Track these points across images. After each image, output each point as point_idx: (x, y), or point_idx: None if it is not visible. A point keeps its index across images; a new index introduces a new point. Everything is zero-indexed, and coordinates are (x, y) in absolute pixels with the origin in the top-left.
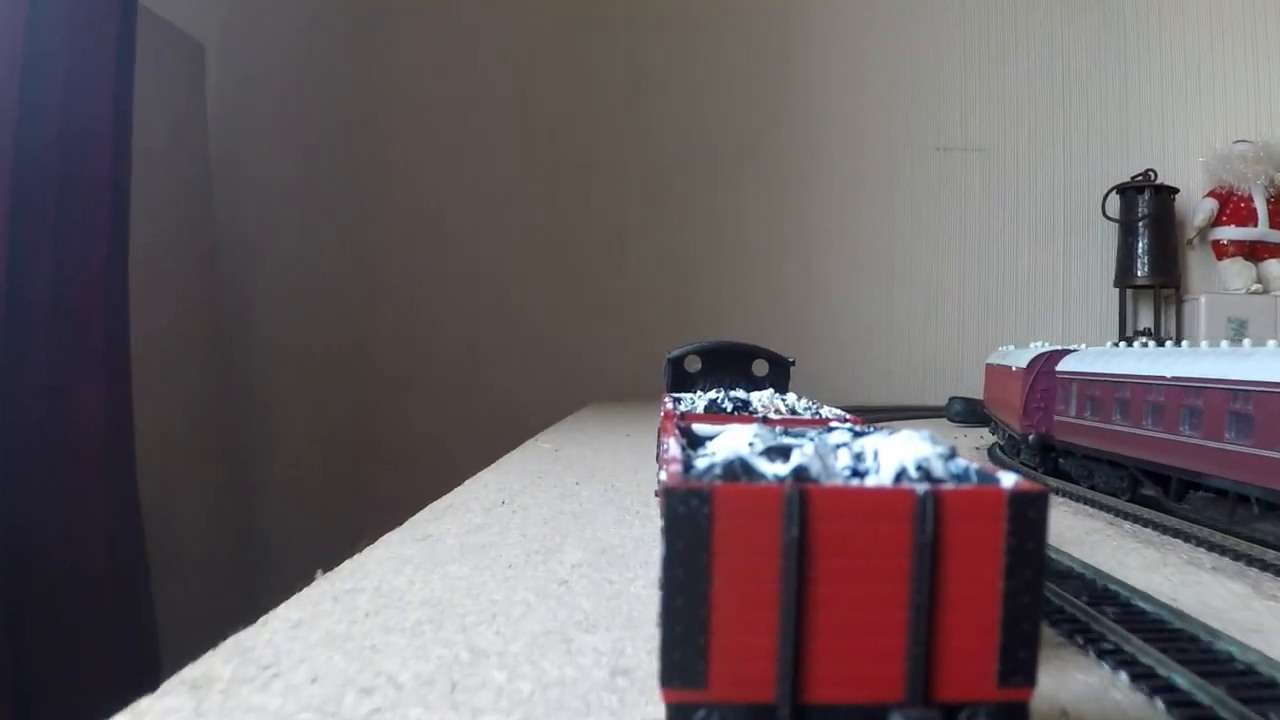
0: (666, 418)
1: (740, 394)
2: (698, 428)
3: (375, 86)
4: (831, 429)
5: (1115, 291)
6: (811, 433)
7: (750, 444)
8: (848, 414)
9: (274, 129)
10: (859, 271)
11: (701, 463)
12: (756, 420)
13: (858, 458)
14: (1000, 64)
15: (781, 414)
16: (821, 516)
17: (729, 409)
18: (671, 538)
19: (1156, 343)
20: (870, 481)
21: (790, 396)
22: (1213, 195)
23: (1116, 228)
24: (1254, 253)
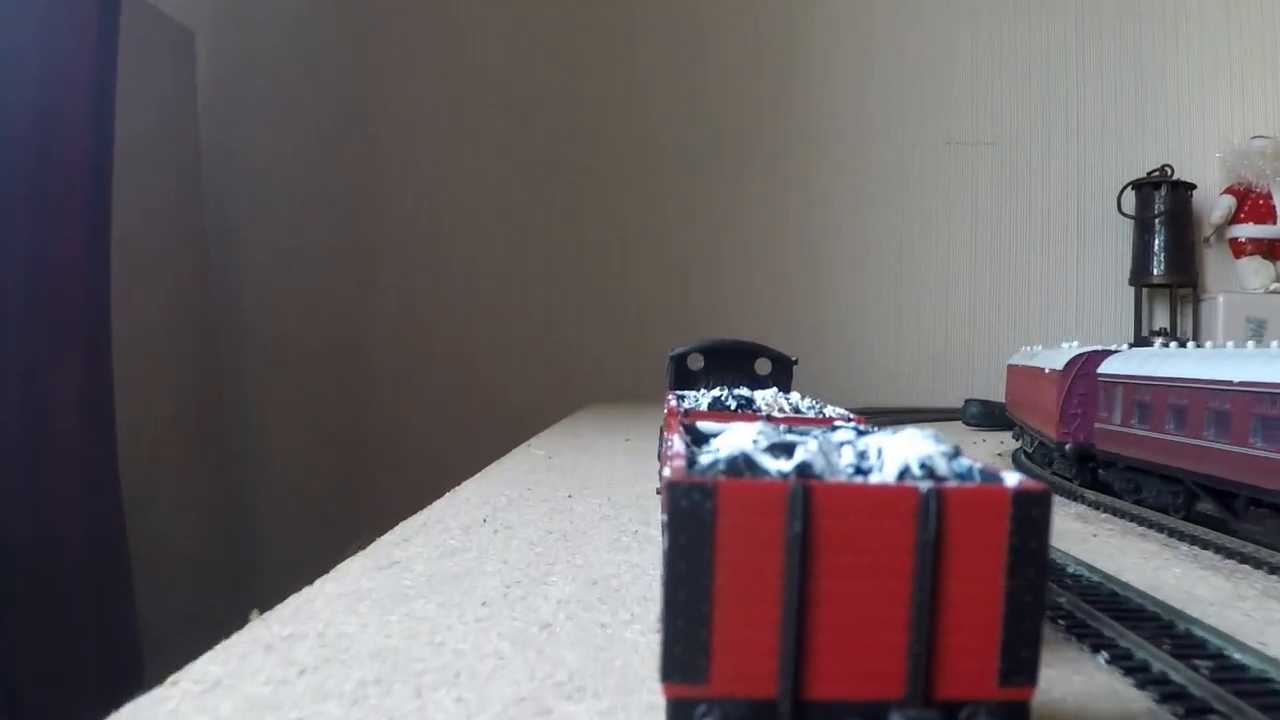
0: (670, 415)
1: (744, 392)
2: (702, 425)
3: (371, 78)
4: (835, 427)
5: (1130, 290)
6: (816, 431)
7: (754, 441)
8: (851, 414)
9: (267, 119)
10: (867, 269)
11: (705, 458)
12: (760, 418)
13: (861, 455)
14: (1013, 56)
15: (785, 412)
16: (825, 513)
17: (733, 407)
18: (675, 531)
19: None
20: (874, 479)
21: (794, 395)
22: (1230, 192)
23: (1131, 225)
24: (1272, 251)
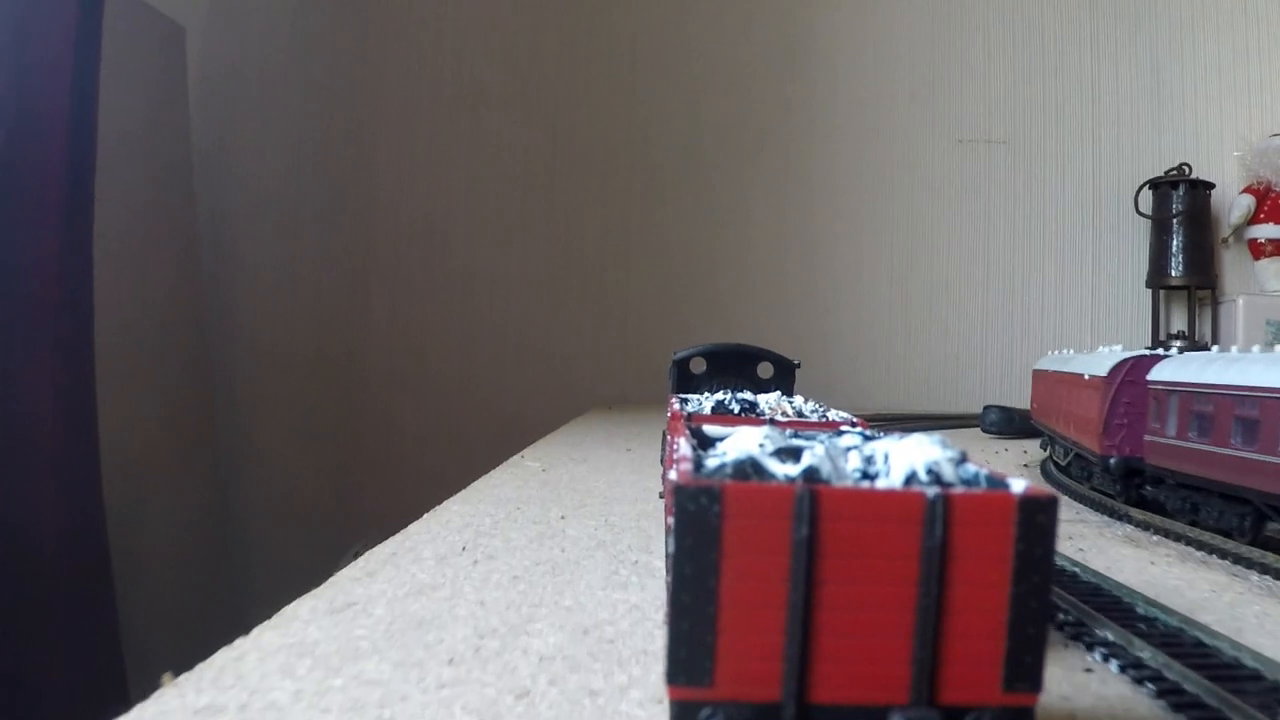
0: (674, 418)
1: (747, 396)
2: (708, 429)
3: (367, 77)
4: (841, 432)
5: (1148, 292)
6: (822, 435)
7: (761, 445)
8: (855, 418)
9: (260, 118)
10: (875, 271)
11: (712, 462)
12: (764, 422)
13: (868, 460)
14: (1025, 51)
15: (788, 416)
16: (831, 517)
17: (736, 410)
18: (681, 534)
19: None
20: (880, 484)
21: (797, 399)
22: (1249, 191)
23: (1148, 226)
24: None
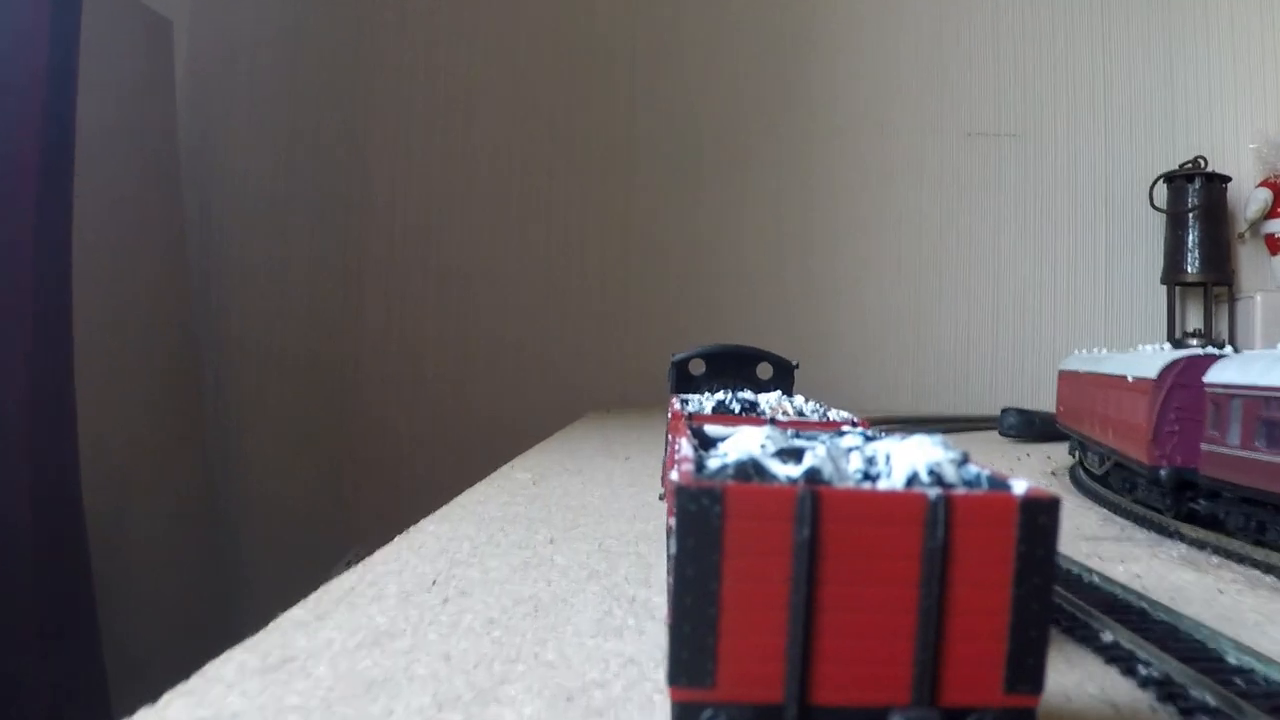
0: (675, 418)
1: (748, 395)
2: (709, 429)
3: (361, 74)
4: (841, 432)
5: (1163, 289)
6: (823, 436)
7: (762, 445)
8: (857, 418)
9: (250, 114)
10: (881, 270)
11: (714, 463)
12: (765, 422)
13: (869, 461)
14: (1036, 42)
15: (789, 416)
16: (833, 519)
17: (737, 410)
18: (683, 536)
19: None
20: (882, 485)
21: (797, 399)
22: (1266, 185)
23: (1162, 221)
24: None
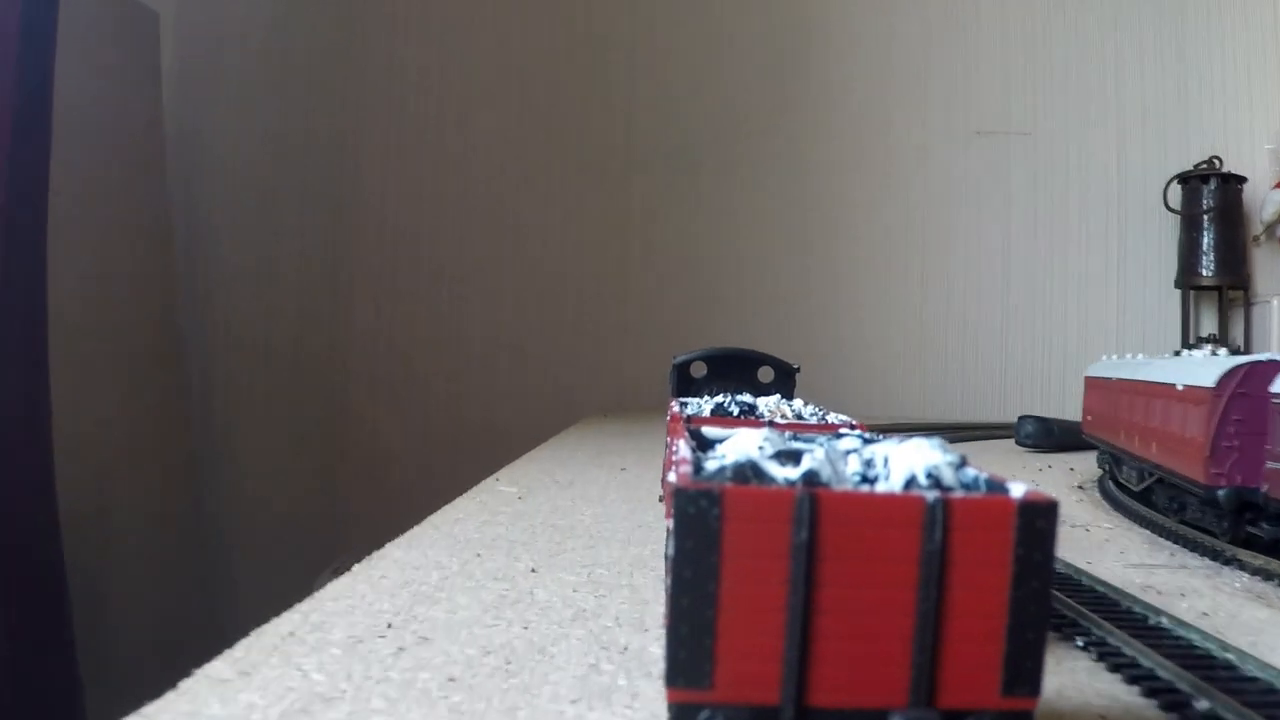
0: (674, 420)
1: (746, 398)
2: (708, 431)
3: (351, 69)
4: (840, 435)
5: (1176, 293)
6: (821, 438)
7: (760, 447)
8: (854, 421)
9: (238, 107)
10: (889, 272)
11: (712, 464)
12: (763, 424)
13: (867, 464)
14: (1046, 38)
15: (788, 419)
16: (831, 521)
17: (735, 413)
18: (681, 537)
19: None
20: (880, 488)
21: (796, 402)
22: None
23: (1176, 223)
24: None
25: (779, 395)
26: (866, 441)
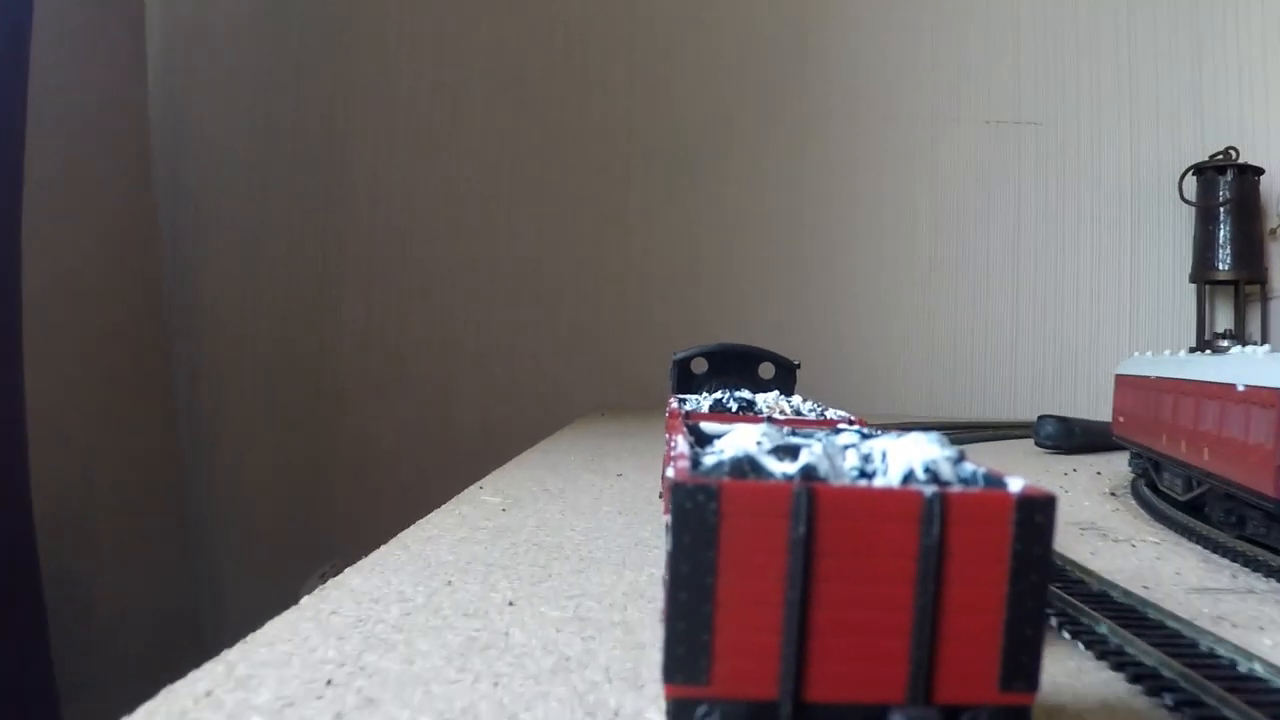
0: (672, 417)
1: (745, 394)
2: (706, 426)
3: (343, 54)
4: (838, 430)
5: (1191, 288)
6: (820, 433)
7: (758, 443)
8: (853, 416)
9: (227, 88)
10: (896, 266)
11: (710, 459)
12: (762, 420)
13: (865, 459)
14: (1058, 26)
15: (786, 415)
16: (828, 516)
17: (734, 409)
18: (678, 532)
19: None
20: (878, 483)
21: (795, 398)
22: None
23: (1190, 216)
24: None
25: (778, 391)
26: (865, 437)
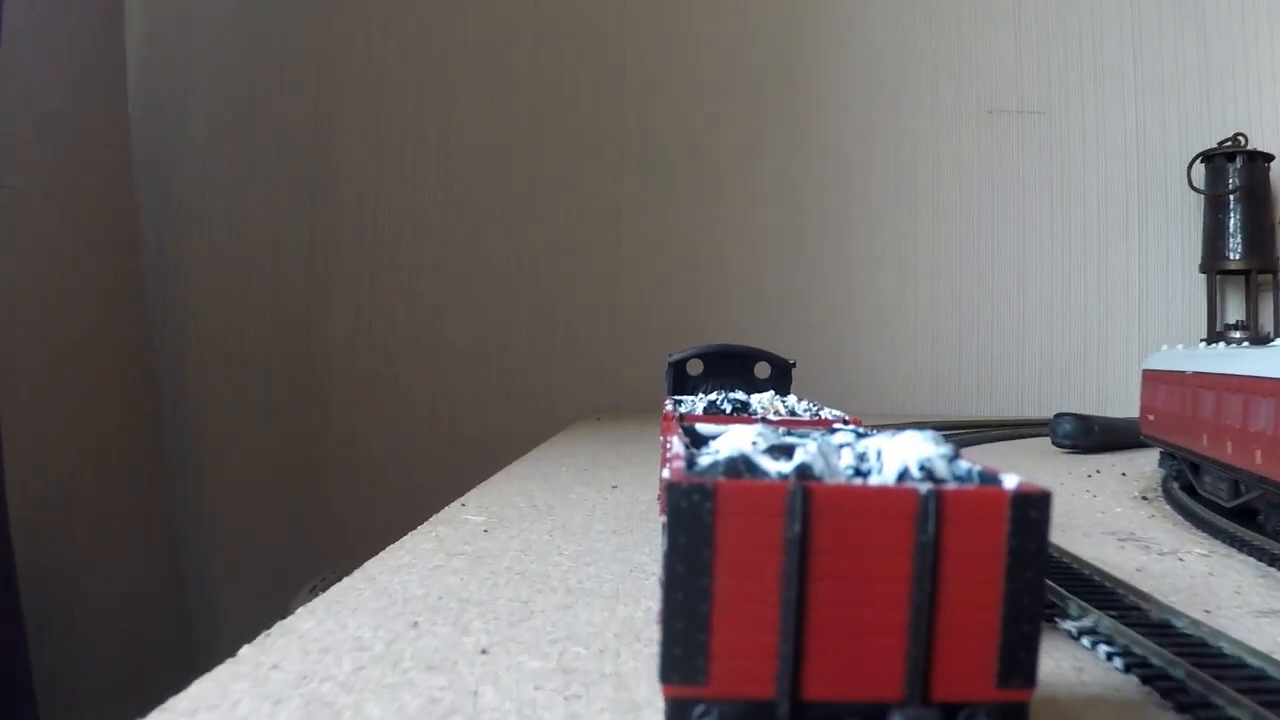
0: (667, 419)
1: (740, 395)
2: (702, 427)
3: (329, 46)
4: (833, 430)
5: (1201, 278)
6: (814, 433)
7: (753, 442)
8: (848, 416)
9: (209, 82)
10: (899, 261)
11: (705, 460)
12: (756, 420)
13: (860, 457)
14: (1061, 10)
15: (781, 415)
16: (823, 515)
17: (728, 410)
18: (674, 533)
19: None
20: (873, 481)
21: (790, 398)
22: None
23: (1199, 205)
24: None
25: (773, 391)
26: (860, 435)
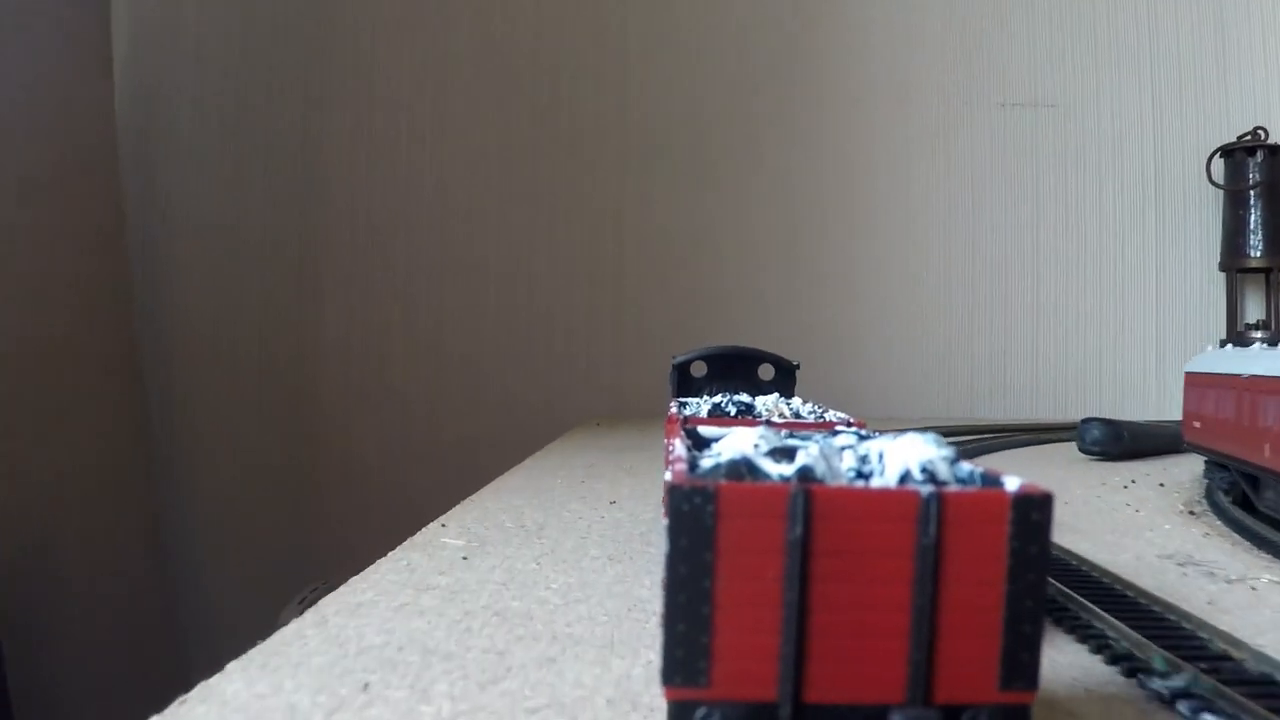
0: (671, 422)
1: (744, 398)
2: (704, 429)
3: (321, 41)
4: (836, 432)
5: (1221, 276)
6: (817, 435)
7: (756, 445)
8: (852, 418)
9: (197, 83)
10: (906, 259)
11: (707, 462)
12: (760, 423)
13: (862, 460)
14: (1076, 2)
15: (785, 417)
16: (825, 517)
17: (732, 413)
18: (676, 535)
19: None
20: (875, 483)
21: (795, 400)
22: None
23: (1218, 201)
24: None
25: (778, 394)
26: (862, 438)
